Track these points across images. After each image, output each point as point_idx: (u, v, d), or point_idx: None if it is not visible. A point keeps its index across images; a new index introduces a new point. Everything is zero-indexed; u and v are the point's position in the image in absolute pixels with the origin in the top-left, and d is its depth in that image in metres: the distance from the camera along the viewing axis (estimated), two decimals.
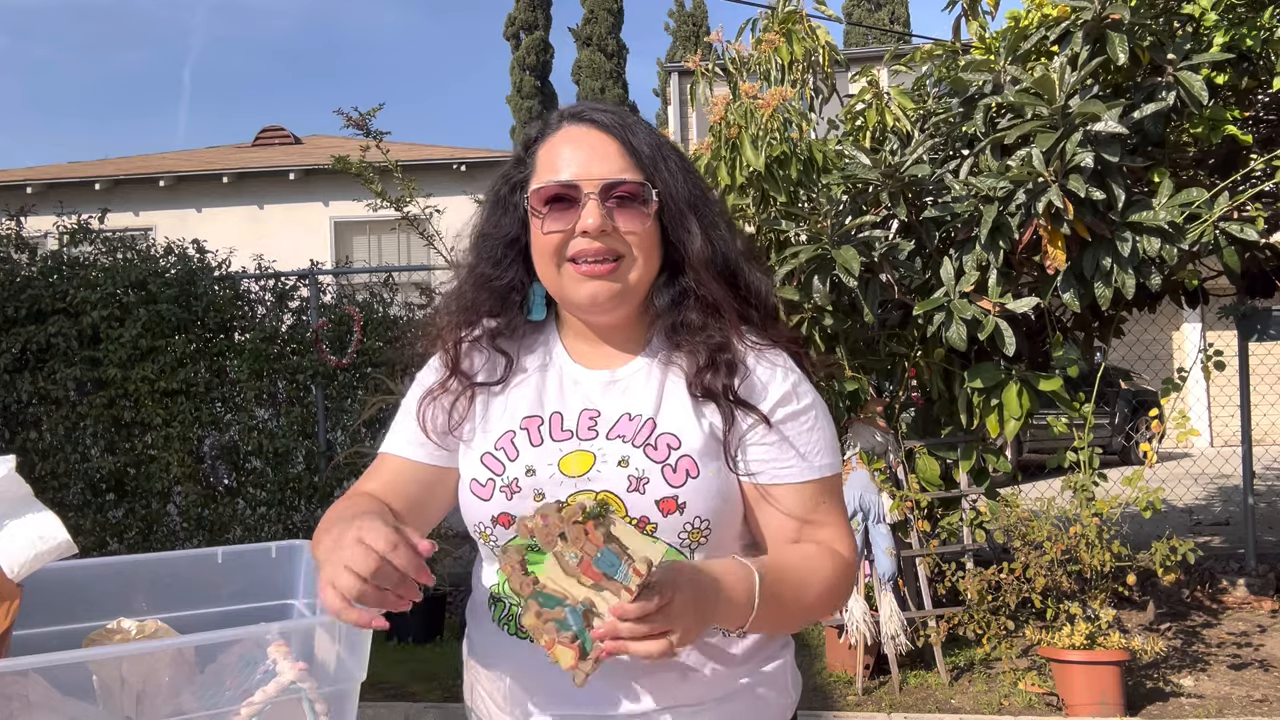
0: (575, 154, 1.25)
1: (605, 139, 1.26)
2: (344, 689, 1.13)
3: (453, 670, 4.98)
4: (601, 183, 1.23)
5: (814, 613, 1.26)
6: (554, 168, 1.26)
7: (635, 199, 1.24)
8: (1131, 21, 3.90)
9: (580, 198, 1.23)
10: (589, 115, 1.29)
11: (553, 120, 1.32)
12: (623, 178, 1.24)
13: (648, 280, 1.28)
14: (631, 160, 1.25)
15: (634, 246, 1.24)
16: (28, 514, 1.20)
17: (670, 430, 1.24)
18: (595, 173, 1.24)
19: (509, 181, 1.33)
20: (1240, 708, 4.18)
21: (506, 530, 1.24)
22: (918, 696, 4.38)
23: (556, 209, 1.24)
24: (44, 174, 14.12)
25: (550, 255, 1.25)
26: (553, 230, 1.24)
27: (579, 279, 1.24)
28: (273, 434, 6.52)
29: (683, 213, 1.28)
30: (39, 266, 6.71)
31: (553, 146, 1.28)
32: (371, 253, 13.37)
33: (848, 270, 3.95)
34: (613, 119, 1.28)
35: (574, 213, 1.23)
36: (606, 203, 1.23)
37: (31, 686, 1.03)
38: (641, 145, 1.27)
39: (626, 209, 1.24)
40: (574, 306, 1.29)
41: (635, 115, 1.33)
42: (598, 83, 30.38)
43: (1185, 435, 4.32)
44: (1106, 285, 3.89)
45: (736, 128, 4.25)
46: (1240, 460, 6.48)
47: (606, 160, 1.25)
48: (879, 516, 4.39)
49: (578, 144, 1.26)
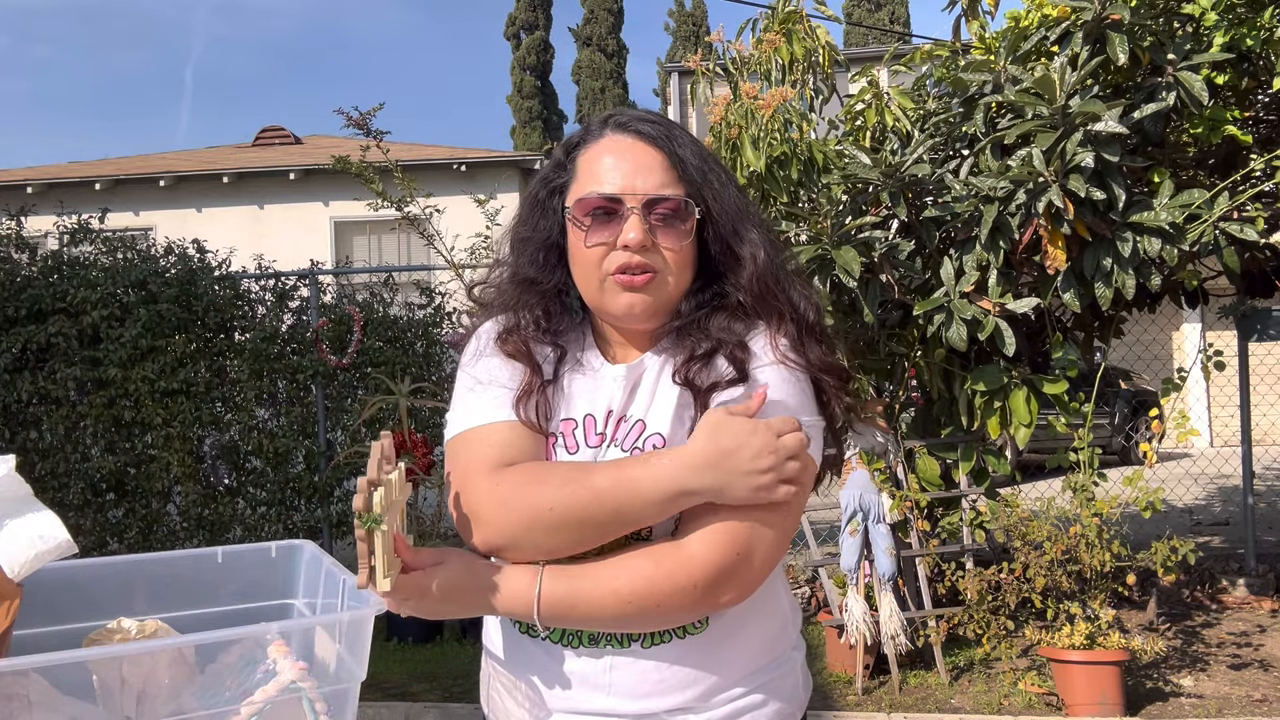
0: (619, 165, 1.25)
1: (650, 151, 1.26)
2: (344, 689, 1.13)
3: (453, 670, 4.98)
4: (645, 198, 1.23)
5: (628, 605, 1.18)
6: (597, 178, 1.25)
7: (677, 215, 1.24)
8: (1131, 22, 3.90)
9: (623, 211, 1.23)
10: (634, 125, 1.28)
11: (595, 126, 1.31)
12: (665, 194, 1.24)
13: (681, 292, 1.28)
14: (675, 173, 1.25)
15: (671, 262, 1.25)
16: (28, 514, 1.20)
17: (658, 430, 1.24)
18: (639, 187, 1.23)
19: (548, 185, 1.32)
20: (1240, 708, 4.18)
21: None
22: (918, 696, 4.38)
23: (598, 221, 1.24)
24: (44, 174, 14.12)
25: (592, 267, 1.25)
26: (595, 243, 1.24)
27: (617, 290, 1.24)
28: (273, 434, 6.52)
29: (730, 225, 1.28)
30: (39, 266, 6.71)
31: (595, 155, 1.27)
32: (371, 253, 13.38)
33: (848, 270, 3.95)
34: (658, 130, 1.27)
35: (616, 226, 1.23)
36: (649, 218, 1.23)
37: (32, 686, 1.03)
38: (687, 157, 1.26)
39: (668, 226, 1.24)
40: (610, 316, 1.29)
41: (679, 126, 1.32)
42: (598, 83, 30.38)
43: (1185, 435, 4.32)
44: (1107, 285, 3.89)
45: (737, 128, 4.25)
46: (1240, 460, 6.48)
47: (651, 174, 1.24)
48: (879, 516, 4.39)
49: (621, 155, 1.26)
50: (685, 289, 1.28)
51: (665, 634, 1.23)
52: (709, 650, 1.24)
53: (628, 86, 31.05)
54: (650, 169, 1.24)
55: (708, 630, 1.24)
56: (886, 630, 4.35)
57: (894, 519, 4.46)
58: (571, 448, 1.25)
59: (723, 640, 1.25)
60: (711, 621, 1.25)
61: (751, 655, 1.27)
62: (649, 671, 1.23)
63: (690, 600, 1.17)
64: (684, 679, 1.23)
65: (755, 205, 1.37)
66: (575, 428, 1.27)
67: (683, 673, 1.23)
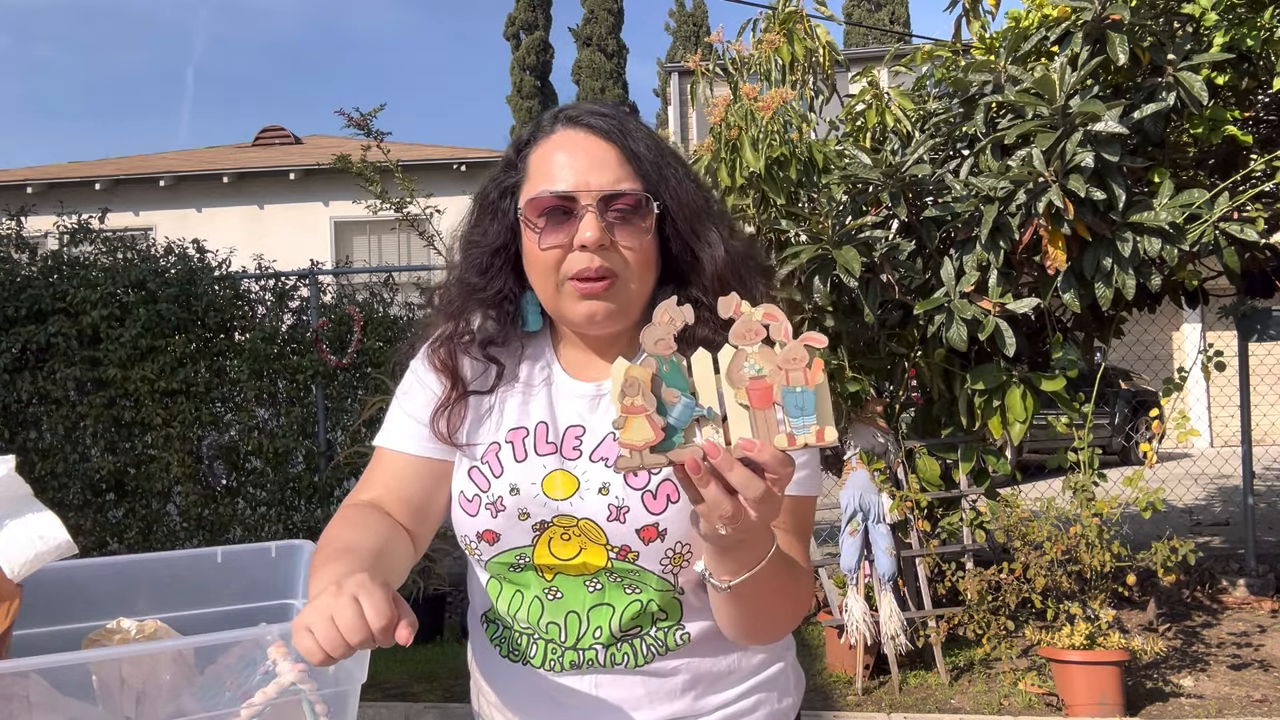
0: (572, 161, 1.18)
1: (603, 145, 1.19)
2: (344, 690, 1.13)
3: (453, 670, 4.98)
4: (600, 194, 1.16)
5: (787, 608, 1.13)
6: (549, 176, 1.18)
7: (635, 212, 1.17)
8: (1132, 22, 3.89)
9: (578, 210, 1.16)
10: (585, 119, 1.20)
11: (546, 122, 1.24)
12: (622, 189, 1.17)
13: (645, 293, 1.22)
14: (631, 168, 1.18)
15: (632, 262, 1.18)
16: (28, 514, 1.20)
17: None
18: (593, 183, 1.16)
19: (499, 186, 1.25)
20: (1240, 708, 4.18)
21: (491, 546, 1.22)
22: (918, 696, 4.38)
23: (552, 221, 1.17)
24: (44, 174, 14.11)
25: (549, 271, 1.18)
26: (550, 246, 1.17)
27: (576, 297, 1.18)
28: (273, 434, 6.52)
29: (689, 222, 1.21)
30: (39, 266, 6.71)
31: (547, 152, 1.20)
32: (371, 253, 13.37)
33: (848, 270, 3.95)
34: (611, 124, 1.20)
35: (571, 225, 1.16)
36: (606, 215, 1.16)
37: (32, 687, 1.03)
38: (642, 151, 1.19)
39: (626, 223, 1.17)
40: (570, 323, 1.23)
41: (634, 118, 1.25)
42: (598, 83, 30.38)
43: (1185, 435, 4.31)
44: (1107, 285, 3.89)
45: (737, 129, 4.24)
46: (1240, 460, 6.48)
47: (605, 169, 1.17)
48: (879, 516, 4.39)
49: (573, 151, 1.18)
50: (650, 290, 1.22)
51: (649, 653, 1.21)
52: (697, 658, 1.23)
53: (628, 86, 31.04)
54: (604, 164, 1.17)
55: (692, 644, 1.23)
56: (886, 630, 4.35)
57: (894, 519, 4.46)
58: (520, 455, 1.22)
59: (710, 652, 1.24)
60: (694, 637, 1.23)
61: (740, 659, 1.26)
62: (635, 686, 1.22)
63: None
64: (672, 689, 1.22)
65: (716, 198, 1.27)
66: (526, 436, 1.23)
67: (671, 683, 1.22)
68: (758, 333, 0.89)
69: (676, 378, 0.90)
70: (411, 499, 1.26)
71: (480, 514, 1.22)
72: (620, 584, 1.20)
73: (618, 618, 1.20)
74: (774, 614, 1.13)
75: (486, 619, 1.29)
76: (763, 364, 0.88)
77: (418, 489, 1.26)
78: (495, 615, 1.27)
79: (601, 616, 1.20)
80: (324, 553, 1.11)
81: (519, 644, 1.25)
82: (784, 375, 0.88)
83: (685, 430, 0.89)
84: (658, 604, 1.21)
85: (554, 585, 1.22)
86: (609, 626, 1.20)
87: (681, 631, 1.22)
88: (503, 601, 1.26)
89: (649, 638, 1.22)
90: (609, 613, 1.20)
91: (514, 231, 1.24)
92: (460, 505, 1.25)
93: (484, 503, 1.22)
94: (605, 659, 1.21)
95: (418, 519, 1.26)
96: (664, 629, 1.22)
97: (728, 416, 0.90)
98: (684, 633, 1.22)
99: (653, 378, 0.89)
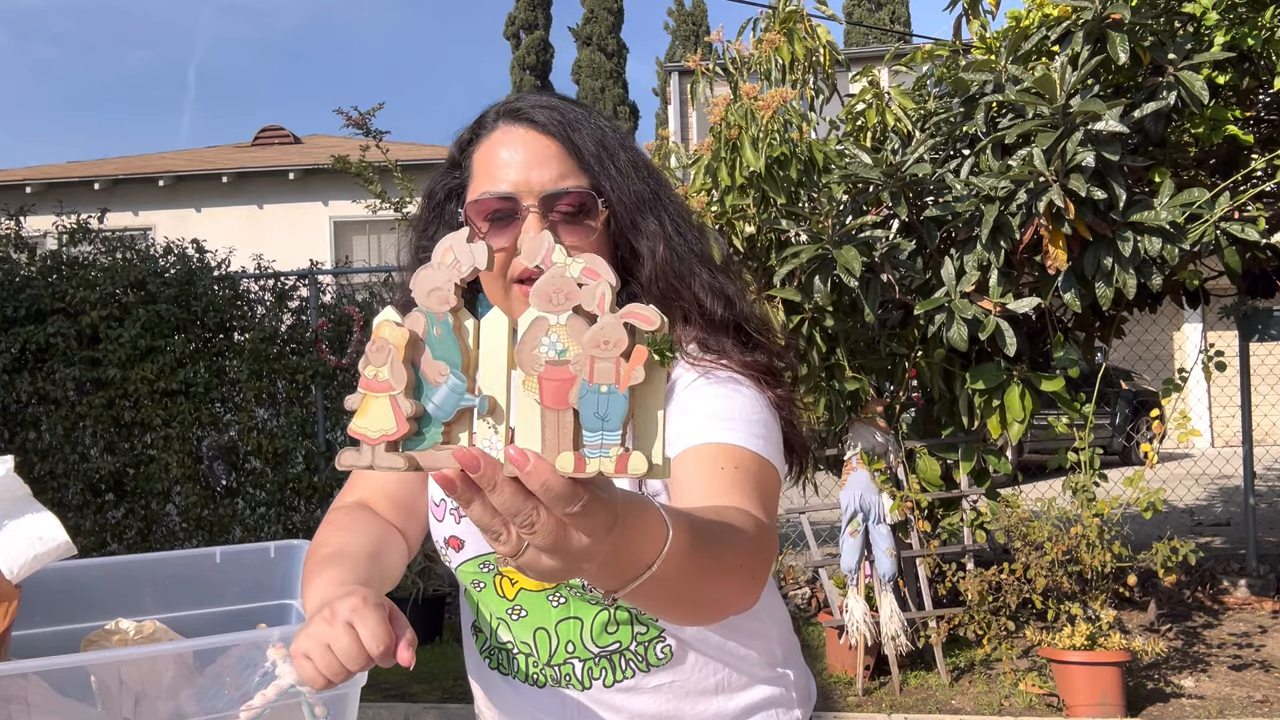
0: (513, 159, 1.13)
1: (543, 140, 1.13)
2: (344, 693, 1.12)
3: (452, 670, 4.97)
4: (542, 194, 1.11)
5: (724, 584, 0.90)
6: (491, 176, 1.13)
7: (581, 211, 1.12)
8: (1132, 21, 3.89)
9: (520, 211, 1.11)
10: (526, 113, 1.15)
11: (488, 118, 1.19)
12: (565, 187, 1.12)
13: None
14: (574, 163, 1.13)
15: None
16: (27, 514, 1.20)
17: None
18: (535, 182, 1.12)
19: (445, 188, 1.22)
20: (1241, 708, 4.18)
21: (457, 553, 1.21)
22: (918, 697, 4.38)
23: (497, 224, 1.12)
24: (43, 174, 14.11)
25: (495, 275, 1.13)
26: (495, 249, 1.11)
27: (523, 302, 1.11)
28: (272, 434, 6.52)
29: (629, 215, 1.15)
30: (38, 266, 6.71)
31: (489, 151, 1.15)
32: (371, 252, 13.37)
33: (849, 270, 3.94)
34: (551, 116, 1.15)
35: (515, 227, 1.11)
36: (549, 216, 1.11)
37: (31, 688, 1.02)
38: (585, 144, 1.14)
39: (571, 223, 1.12)
40: None
41: (582, 107, 1.19)
42: (598, 82, 30.38)
43: (1186, 436, 4.31)
44: (1107, 285, 3.89)
45: (737, 129, 4.24)
46: (1241, 461, 6.48)
47: (546, 166, 1.12)
48: (879, 517, 4.39)
49: (514, 148, 1.13)
50: None
51: (629, 670, 1.17)
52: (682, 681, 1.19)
53: (628, 86, 31.04)
54: (545, 161, 1.12)
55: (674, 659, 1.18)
56: (887, 631, 4.34)
57: (894, 519, 4.45)
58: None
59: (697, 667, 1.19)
60: (677, 651, 1.18)
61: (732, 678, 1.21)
62: (617, 705, 1.19)
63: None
64: (659, 707, 1.18)
65: (666, 188, 1.20)
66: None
67: (656, 701, 1.18)
68: (570, 295, 0.63)
69: (448, 346, 0.65)
70: (398, 496, 1.25)
71: (446, 519, 1.22)
72: (582, 596, 1.16)
73: (588, 631, 1.17)
74: (705, 598, 0.89)
75: (475, 629, 1.28)
76: (569, 344, 0.62)
77: (403, 486, 1.25)
78: (480, 626, 1.27)
79: (571, 630, 1.17)
80: (314, 560, 1.09)
81: (503, 658, 1.24)
82: (589, 365, 0.61)
83: (448, 424, 0.64)
84: (628, 612, 1.16)
85: (517, 604, 1.20)
86: (581, 641, 1.17)
87: (663, 645, 1.18)
88: (480, 616, 1.25)
89: (629, 653, 1.17)
90: (578, 626, 1.17)
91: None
92: (431, 511, 1.25)
93: (449, 507, 1.21)
94: (583, 675, 1.18)
95: (406, 516, 1.25)
96: (644, 643, 1.17)
97: (513, 409, 0.63)
98: (665, 646, 1.18)
99: (413, 342, 0.65)
